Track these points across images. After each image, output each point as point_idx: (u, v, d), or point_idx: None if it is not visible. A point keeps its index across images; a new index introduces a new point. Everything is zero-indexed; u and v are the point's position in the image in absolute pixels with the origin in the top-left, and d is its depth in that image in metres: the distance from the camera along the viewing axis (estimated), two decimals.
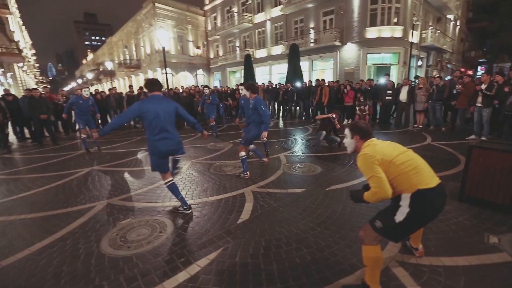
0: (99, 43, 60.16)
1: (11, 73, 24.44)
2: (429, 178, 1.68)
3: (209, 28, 28.34)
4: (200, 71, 29.80)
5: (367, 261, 1.78)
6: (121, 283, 2.07)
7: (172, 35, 26.40)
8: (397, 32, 16.00)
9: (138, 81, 32.05)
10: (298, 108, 12.13)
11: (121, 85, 35.88)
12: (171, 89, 12.42)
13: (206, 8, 27.93)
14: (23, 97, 8.39)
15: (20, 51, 21.42)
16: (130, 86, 11.52)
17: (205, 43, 29.55)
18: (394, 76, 16.51)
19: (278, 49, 21.17)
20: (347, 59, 17.33)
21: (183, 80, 30.74)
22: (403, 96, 8.22)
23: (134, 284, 2.05)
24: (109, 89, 11.21)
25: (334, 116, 5.68)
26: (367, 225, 1.82)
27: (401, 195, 1.71)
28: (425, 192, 1.64)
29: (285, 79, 14.04)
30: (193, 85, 15.14)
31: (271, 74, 22.69)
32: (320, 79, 10.55)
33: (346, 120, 9.35)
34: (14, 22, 29.52)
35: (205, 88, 8.11)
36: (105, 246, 2.58)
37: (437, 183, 1.69)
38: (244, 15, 23.16)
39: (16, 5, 36.46)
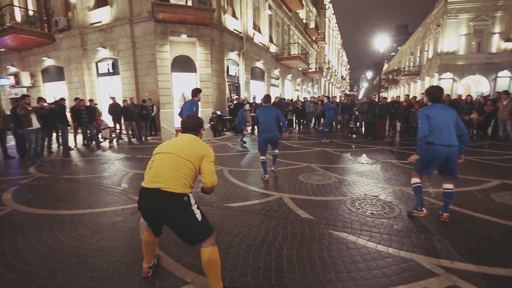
0: (394, 53, 62.77)
1: (317, 85, 34.38)
2: (149, 180, 1.85)
3: None
4: (504, 73, 21.44)
5: None
6: None
7: (464, 32, 21.48)
8: None
9: (415, 88, 29.99)
10: None
11: (401, 92, 35.46)
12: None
13: None
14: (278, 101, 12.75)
15: (321, 70, 29.33)
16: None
17: None
18: None
19: None
20: None
21: (473, 86, 24.16)
22: None
23: None
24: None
25: None
26: None
27: None
28: (141, 189, 1.89)
29: None
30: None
31: None
32: None
33: None
34: (332, 47, 40.22)
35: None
36: None
37: (153, 186, 1.80)
38: None
39: (339, 34, 48.88)
